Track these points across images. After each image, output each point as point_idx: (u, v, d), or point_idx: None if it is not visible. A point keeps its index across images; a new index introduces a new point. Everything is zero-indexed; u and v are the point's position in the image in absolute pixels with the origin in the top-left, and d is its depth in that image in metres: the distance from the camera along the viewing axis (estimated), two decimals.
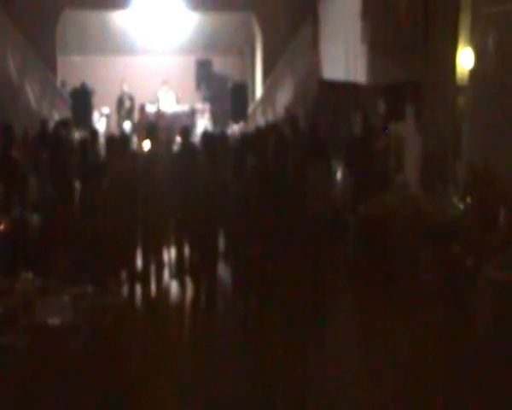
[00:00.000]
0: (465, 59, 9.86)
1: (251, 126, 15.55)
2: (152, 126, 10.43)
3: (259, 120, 16.71)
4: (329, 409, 6.23)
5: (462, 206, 8.53)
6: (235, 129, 16.18)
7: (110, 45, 19.76)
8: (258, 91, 18.55)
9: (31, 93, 15.50)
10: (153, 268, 9.20)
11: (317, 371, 6.90)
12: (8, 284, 5.71)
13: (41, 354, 5.01)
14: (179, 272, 9.43)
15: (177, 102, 18.10)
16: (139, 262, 9.16)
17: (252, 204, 8.32)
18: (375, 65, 11.26)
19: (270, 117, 16.48)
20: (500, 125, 8.67)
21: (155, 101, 17.74)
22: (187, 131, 10.32)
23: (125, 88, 17.93)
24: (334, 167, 10.39)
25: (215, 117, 18.44)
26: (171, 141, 10.60)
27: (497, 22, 8.72)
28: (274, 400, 6.29)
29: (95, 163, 9.02)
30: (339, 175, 10.88)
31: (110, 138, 9.87)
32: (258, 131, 11.10)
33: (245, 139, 10.61)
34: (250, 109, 17.55)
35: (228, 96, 17.35)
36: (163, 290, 9.26)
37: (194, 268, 8.88)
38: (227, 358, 7.07)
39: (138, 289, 9.00)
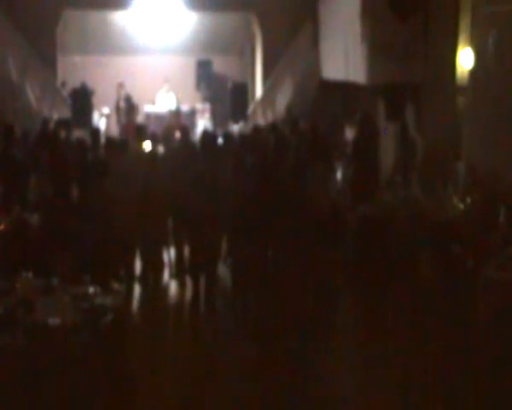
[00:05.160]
0: (465, 59, 9.86)
1: (251, 126, 15.54)
2: (141, 128, 10.40)
3: (259, 120, 16.70)
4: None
5: (462, 206, 8.54)
6: (235, 129, 16.18)
7: (110, 45, 19.75)
8: (258, 91, 18.55)
9: (31, 93, 15.49)
10: (152, 268, 9.20)
11: (317, 372, 6.90)
12: (8, 284, 5.71)
13: (41, 354, 5.00)
14: (179, 272, 9.43)
15: (178, 101, 18.11)
16: (139, 262, 9.17)
17: (251, 204, 8.31)
18: (375, 65, 11.25)
19: (270, 117, 16.47)
20: (500, 125, 8.68)
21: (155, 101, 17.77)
22: (186, 131, 10.33)
23: (122, 91, 17.93)
24: (335, 167, 10.39)
25: (215, 117, 18.43)
26: (169, 141, 10.62)
27: (497, 22, 8.73)
28: (274, 400, 6.29)
29: (95, 163, 9.01)
30: (339, 175, 10.88)
31: (109, 140, 9.87)
32: (256, 130, 11.08)
33: (244, 139, 10.61)
34: (250, 109, 17.54)
35: (228, 96, 17.34)
36: (163, 290, 9.26)
37: (194, 268, 8.88)
38: (227, 358, 7.08)
39: (138, 289, 9.01)
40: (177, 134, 11.26)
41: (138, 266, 9.16)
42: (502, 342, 6.28)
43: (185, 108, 17.86)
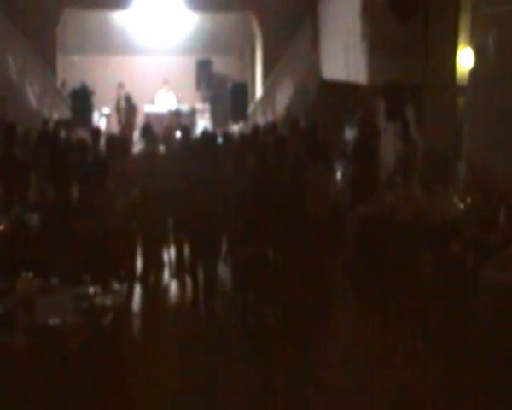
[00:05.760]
0: (465, 59, 9.87)
1: (251, 126, 15.55)
2: (147, 126, 10.39)
3: (259, 120, 16.70)
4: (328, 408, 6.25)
5: (462, 206, 8.54)
6: (235, 129, 16.19)
7: (110, 45, 19.75)
8: (258, 91, 18.55)
9: (31, 93, 15.50)
10: (153, 268, 9.20)
11: (317, 371, 6.90)
12: (8, 284, 5.71)
13: (41, 354, 5.01)
14: (179, 272, 9.43)
15: (178, 102, 18.12)
16: (139, 262, 9.16)
17: (251, 204, 8.31)
18: (375, 65, 11.26)
19: (270, 117, 16.48)
20: (500, 125, 8.68)
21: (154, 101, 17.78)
22: (187, 130, 10.33)
23: (122, 91, 17.93)
24: (335, 167, 10.38)
25: (215, 117, 18.44)
26: (170, 140, 10.61)
27: (497, 22, 8.73)
28: (274, 399, 6.29)
29: (95, 163, 9.01)
30: (339, 175, 10.89)
31: (111, 139, 9.87)
32: (256, 130, 11.07)
33: (244, 139, 10.61)
34: (250, 109, 17.55)
35: (228, 96, 17.36)
36: (163, 290, 9.26)
37: (194, 268, 8.88)
38: (226, 358, 7.08)
39: (138, 289, 9.01)
40: (177, 134, 11.26)
41: (138, 266, 9.17)
42: (502, 342, 6.28)
43: (185, 108, 17.86)
